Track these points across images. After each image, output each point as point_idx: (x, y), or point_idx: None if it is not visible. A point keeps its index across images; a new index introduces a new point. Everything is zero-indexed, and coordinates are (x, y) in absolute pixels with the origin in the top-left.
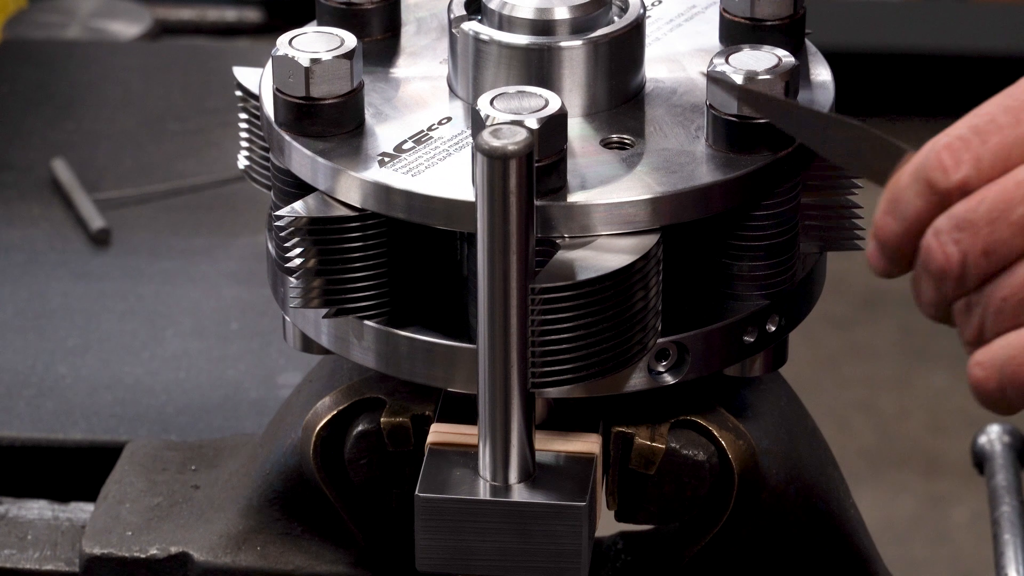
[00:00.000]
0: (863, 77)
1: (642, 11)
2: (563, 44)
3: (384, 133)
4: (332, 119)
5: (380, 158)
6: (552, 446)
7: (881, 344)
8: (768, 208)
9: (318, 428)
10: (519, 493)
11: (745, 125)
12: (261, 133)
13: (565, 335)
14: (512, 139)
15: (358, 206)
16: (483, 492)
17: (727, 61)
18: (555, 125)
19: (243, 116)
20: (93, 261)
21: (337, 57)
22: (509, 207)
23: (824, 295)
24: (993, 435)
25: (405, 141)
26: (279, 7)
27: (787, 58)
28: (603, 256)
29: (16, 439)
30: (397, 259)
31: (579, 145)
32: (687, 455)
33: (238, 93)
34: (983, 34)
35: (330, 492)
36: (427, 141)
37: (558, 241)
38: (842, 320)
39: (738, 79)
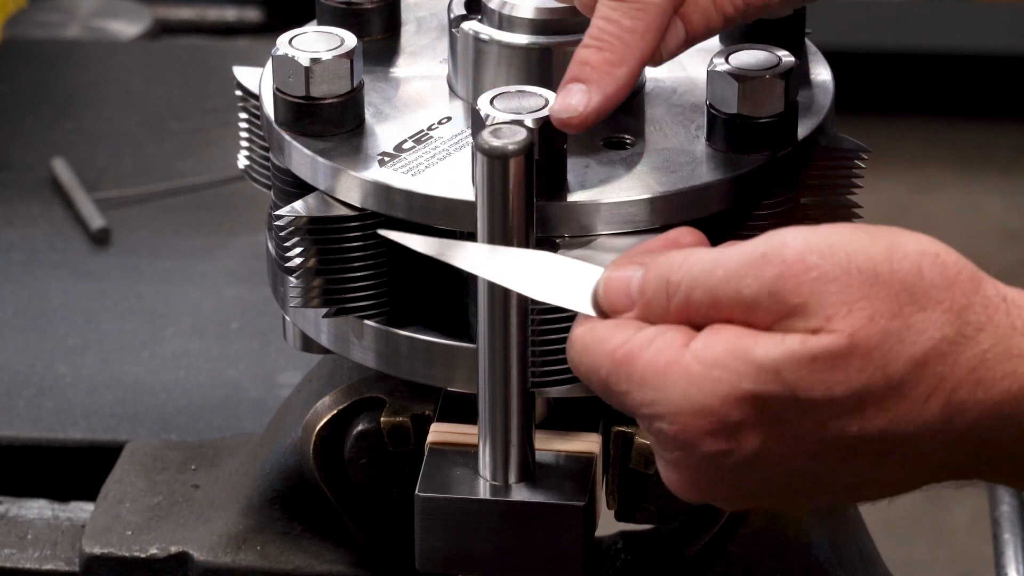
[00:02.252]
0: (863, 77)
1: None
2: (563, 43)
3: (384, 133)
4: (332, 119)
5: (380, 158)
6: (552, 446)
7: None
8: (768, 208)
9: (318, 428)
10: (519, 493)
11: (745, 125)
12: (261, 133)
13: (565, 335)
14: (512, 139)
15: (358, 205)
16: (483, 492)
17: (727, 60)
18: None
19: (243, 116)
20: (93, 261)
21: (337, 57)
22: (509, 207)
23: None
24: None
25: (405, 141)
26: (279, 7)
27: (787, 57)
28: (603, 256)
29: (16, 439)
30: (397, 259)
31: (579, 145)
32: None
33: (238, 93)
34: (983, 34)
35: (330, 492)
36: (427, 141)
37: (558, 241)
38: None
39: (735, 77)
